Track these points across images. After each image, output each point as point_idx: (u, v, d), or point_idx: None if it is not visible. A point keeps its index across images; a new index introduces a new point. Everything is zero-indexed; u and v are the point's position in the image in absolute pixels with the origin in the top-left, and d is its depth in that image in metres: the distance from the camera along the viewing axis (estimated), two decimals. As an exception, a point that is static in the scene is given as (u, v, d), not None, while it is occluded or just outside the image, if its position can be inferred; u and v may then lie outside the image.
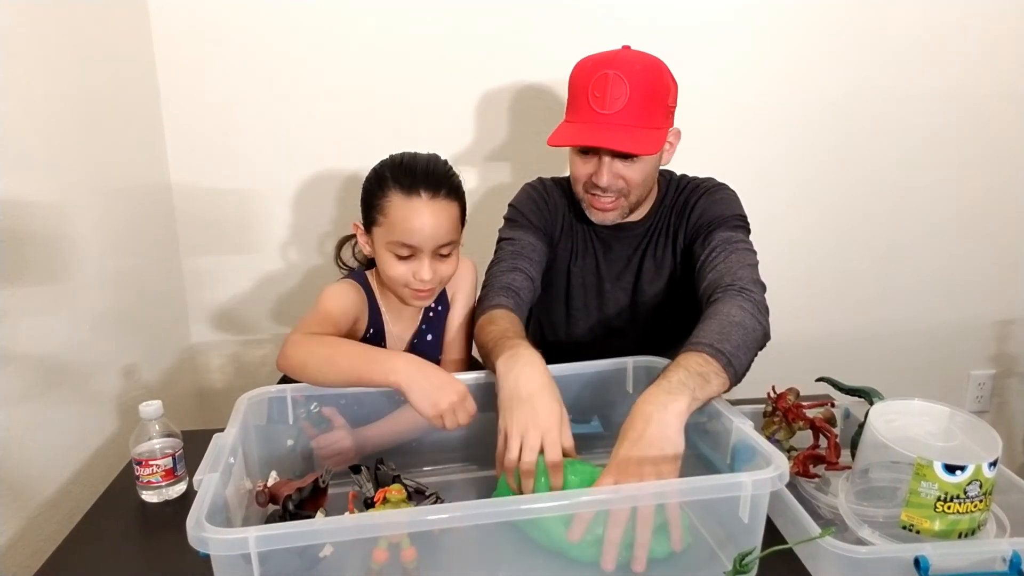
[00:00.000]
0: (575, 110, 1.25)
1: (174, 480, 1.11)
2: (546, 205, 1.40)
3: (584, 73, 1.24)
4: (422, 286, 1.17)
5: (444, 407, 0.98)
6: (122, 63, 1.60)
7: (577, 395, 1.20)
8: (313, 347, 1.07)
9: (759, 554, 0.86)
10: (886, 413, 0.97)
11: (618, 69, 1.19)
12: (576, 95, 1.25)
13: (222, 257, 1.87)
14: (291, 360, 1.07)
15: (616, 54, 1.24)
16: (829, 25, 1.88)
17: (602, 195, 1.28)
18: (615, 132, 1.20)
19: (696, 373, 0.97)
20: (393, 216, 1.14)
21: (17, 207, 1.18)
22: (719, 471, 0.99)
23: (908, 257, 2.10)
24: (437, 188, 1.14)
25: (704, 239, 1.27)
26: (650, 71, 1.22)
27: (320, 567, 0.83)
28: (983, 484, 0.85)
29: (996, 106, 1.99)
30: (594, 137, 1.21)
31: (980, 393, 2.26)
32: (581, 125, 1.23)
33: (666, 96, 1.24)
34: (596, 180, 1.25)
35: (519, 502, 0.85)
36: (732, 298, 1.12)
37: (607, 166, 1.24)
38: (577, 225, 1.41)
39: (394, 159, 1.20)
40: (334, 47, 1.76)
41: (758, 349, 1.10)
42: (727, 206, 1.31)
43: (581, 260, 1.41)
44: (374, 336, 1.27)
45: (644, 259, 1.38)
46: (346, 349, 1.07)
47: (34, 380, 1.21)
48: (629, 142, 1.19)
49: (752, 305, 1.11)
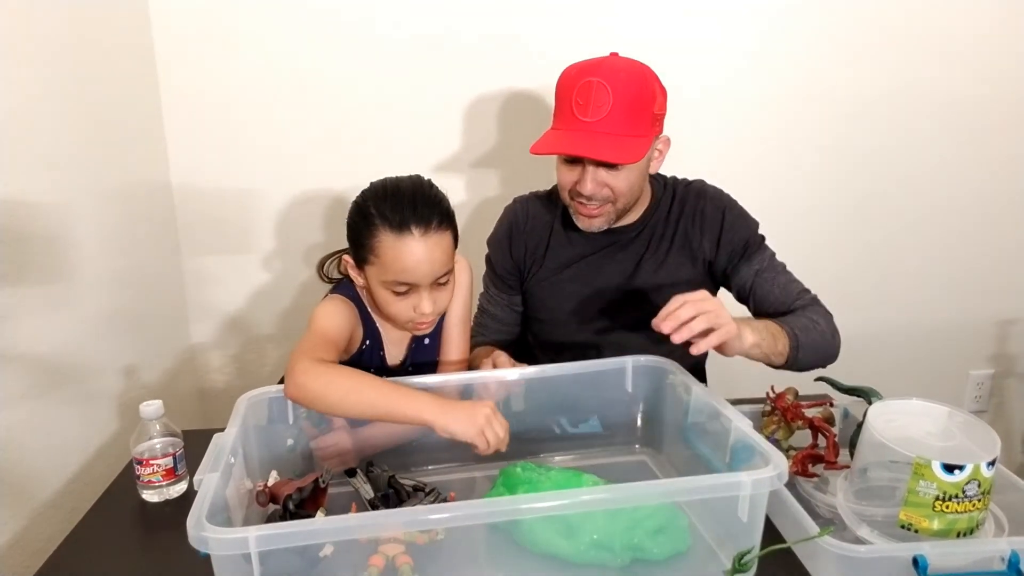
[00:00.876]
0: (560, 117, 1.24)
1: (174, 480, 1.11)
2: (519, 236, 1.42)
3: (569, 80, 1.22)
4: (425, 319, 1.14)
5: (482, 423, 0.97)
6: (123, 63, 1.60)
7: (577, 395, 1.20)
8: (332, 377, 1.02)
9: (758, 553, 0.86)
10: (885, 413, 0.97)
11: (602, 76, 1.18)
12: (561, 102, 1.24)
13: (223, 257, 1.87)
14: (306, 390, 1.02)
15: (602, 61, 1.23)
16: (830, 24, 1.88)
17: (587, 202, 1.27)
18: (597, 140, 1.18)
19: (770, 334, 1.16)
20: (385, 256, 1.09)
21: (17, 207, 1.18)
22: (718, 470, 0.99)
23: (907, 257, 2.11)
24: (428, 221, 1.08)
25: (744, 256, 1.34)
26: (635, 78, 1.20)
27: (320, 567, 0.83)
28: (981, 484, 0.86)
29: (997, 106, 1.99)
30: (575, 145, 1.20)
31: (979, 393, 2.26)
32: (564, 133, 1.22)
33: (652, 103, 1.22)
34: (580, 188, 1.25)
35: (518, 502, 0.85)
36: (819, 310, 1.31)
37: (591, 174, 1.23)
38: (569, 233, 1.40)
39: (376, 190, 1.13)
40: (333, 47, 1.77)
41: (824, 355, 1.27)
42: (753, 223, 1.37)
43: (576, 266, 1.40)
44: (371, 347, 1.24)
45: (643, 261, 1.38)
46: (370, 383, 1.02)
47: (35, 380, 1.21)
48: (611, 151, 1.18)
49: (827, 320, 1.30)
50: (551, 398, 1.18)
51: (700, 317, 1.02)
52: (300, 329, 1.90)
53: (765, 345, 1.15)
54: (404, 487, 1.02)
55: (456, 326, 1.30)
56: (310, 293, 1.87)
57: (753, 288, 1.33)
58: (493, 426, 0.98)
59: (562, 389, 1.18)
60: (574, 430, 1.23)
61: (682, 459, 1.14)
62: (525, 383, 1.18)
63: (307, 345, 1.09)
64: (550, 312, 1.44)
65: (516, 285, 1.46)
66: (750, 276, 1.33)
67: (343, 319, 1.17)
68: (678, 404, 1.14)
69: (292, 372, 1.03)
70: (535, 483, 0.99)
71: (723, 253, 1.35)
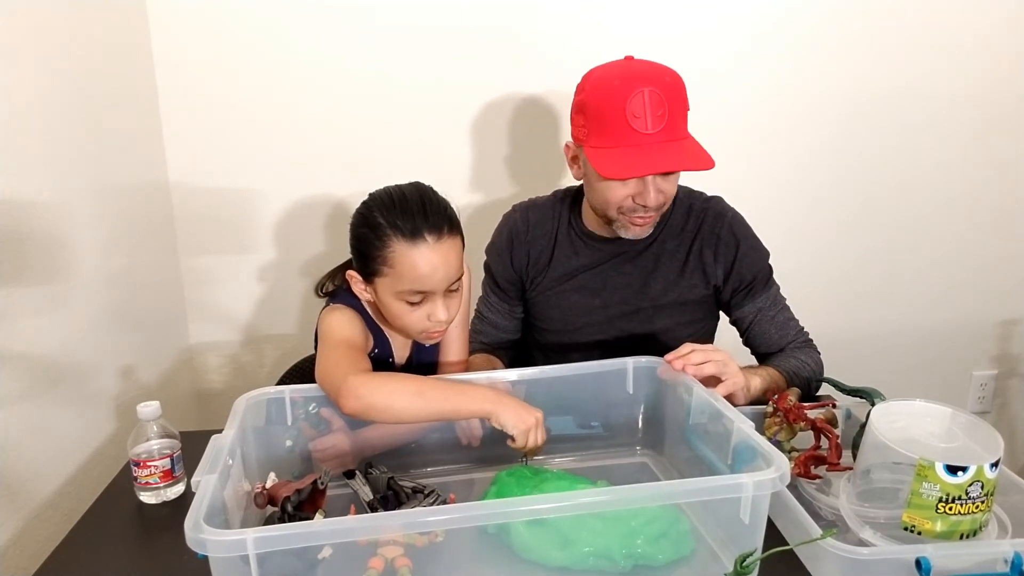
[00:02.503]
0: (610, 134, 1.18)
1: (172, 481, 1.10)
2: (521, 245, 1.41)
3: (614, 93, 1.17)
4: (440, 327, 1.13)
5: (531, 423, 1.03)
6: (121, 63, 1.59)
7: (577, 395, 1.20)
8: (392, 386, 1.03)
9: (760, 555, 0.86)
10: (888, 414, 0.96)
11: (652, 85, 1.16)
12: (611, 118, 1.17)
13: (221, 257, 1.87)
14: (368, 401, 1.01)
15: (638, 68, 1.21)
16: (831, 22, 1.87)
17: (646, 212, 1.24)
18: (675, 152, 1.17)
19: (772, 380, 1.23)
20: (400, 266, 1.07)
21: (15, 206, 1.17)
22: (720, 472, 0.99)
23: (910, 257, 2.10)
24: (440, 228, 1.08)
25: (750, 292, 1.35)
26: (676, 80, 1.21)
27: (319, 569, 0.82)
28: (985, 485, 0.85)
29: (1000, 107, 1.98)
30: (662, 162, 1.17)
31: (982, 394, 2.25)
32: (626, 150, 1.17)
33: (688, 103, 1.23)
34: (643, 201, 1.21)
35: (518, 504, 0.85)
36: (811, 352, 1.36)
37: (653, 185, 1.20)
38: (574, 241, 1.39)
39: (381, 200, 1.10)
40: (333, 46, 1.76)
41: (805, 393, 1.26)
42: (764, 256, 1.37)
43: (581, 276, 1.38)
44: (380, 353, 1.23)
45: (653, 277, 1.35)
46: (431, 384, 1.06)
47: (32, 380, 1.20)
48: (693, 159, 1.17)
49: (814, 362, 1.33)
50: (551, 399, 1.17)
51: (710, 363, 1.09)
52: (300, 330, 1.93)
53: (770, 392, 1.20)
54: (403, 489, 1.02)
55: (456, 327, 1.30)
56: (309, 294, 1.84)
57: (752, 325, 1.36)
58: (537, 432, 1.04)
59: (562, 390, 1.18)
60: (575, 431, 1.22)
61: (683, 461, 1.13)
62: (525, 384, 1.17)
63: (339, 358, 1.08)
64: (553, 322, 1.43)
65: (517, 295, 1.45)
66: (752, 313, 1.36)
67: (357, 326, 1.16)
68: (679, 405, 1.13)
69: (344, 387, 1.01)
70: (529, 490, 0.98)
71: (731, 285, 1.35)
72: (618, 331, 1.38)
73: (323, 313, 1.19)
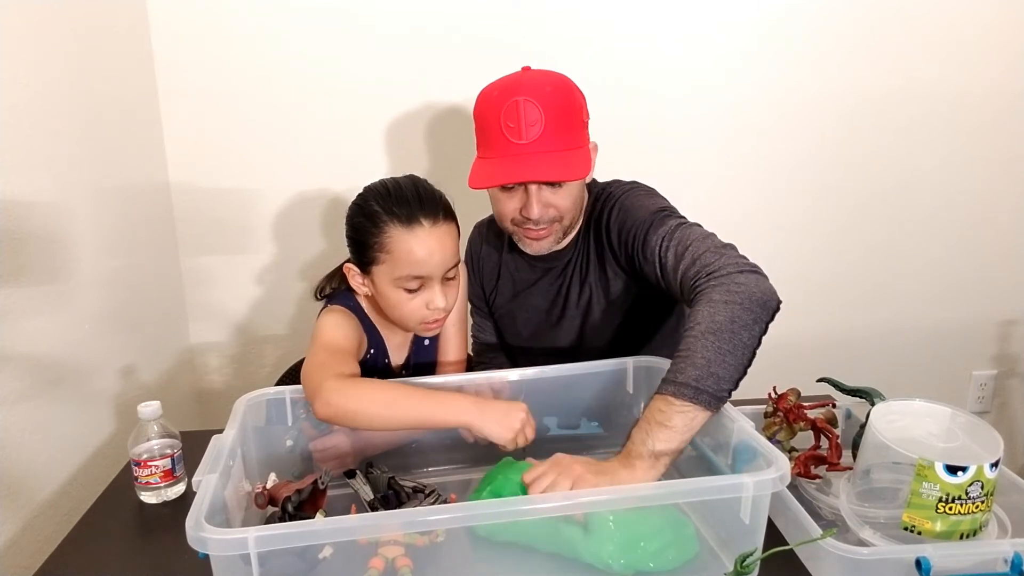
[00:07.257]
0: (489, 145, 1.18)
1: (173, 481, 1.10)
2: (477, 265, 1.42)
3: (491, 104, 1.16)
4: (438, 315, 1.13)
5: (515, 428, 1.00)
6: (121, 62, 1.59)
7: (577, 395, 1.20)
8: (366, 392, 1.01)
9: (760, 555, 0.86)
10: (887, 414, 0.97)
11: (526, 94, 1.12)
12: (487, 129, 1.17)
13: (221, 257, 1.87)
14: (340, 407, 0.99)
15: (520, 78, 1.18)
16: (830, 22, 1.87)
17: (535, 226, 1.20)
18: (539, 162, 1.13)
19: (657, 423, 0.93)
20: (398, 251, 1.08)
21: (15, 207, 1.17)
22: (720, 472, 0.99)
23: (910, 257, 2.10)
24: (435, 212, 1.09)
25: (641, 252, 1.15)
26: (560, 90, 1.16)
27: (320, 568, 0.82)
28: (984, 485, 0.85)
29: (999, 106, 1.98)
30: (518, 172, 1.13)
31: (982, 394, 2.25)
32: (499, 160, 1.15)
33: (580, 112, 1.18)
34: (526, 214, 1.18)
35: (518, 503, 0.85)
36: (704, 295, 1.00)
37: (535, 197, 1.16)
38: (516, 260, 1.36)
39: (376, 191, 1.13)
40: (333, 46, 1.76)
41: (758, 327, 0.98)
42: (641, 205, 1.19)
43: (524, 294, 1.37)
44: (375, 354, 1.23)
45: (569, 287, 1.31)
46: (406, 392, 1.02)
47: (33, 380, 1.20)
48: (558, 170, 1.13)
49: (724, 290, 0.99)
50: (551, 399, 1.18)
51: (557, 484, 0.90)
52: (300, 329, 1.93)
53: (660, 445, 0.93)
54: (404, 488, 1.02)
55: (454, 326, 1.30)
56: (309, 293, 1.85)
57: (661, 277, 1.12)
58: (526, 431, 1.02)
59: (562, 390, 1.18)
60: (575, 431, 1.22)
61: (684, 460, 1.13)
62: (525, 384, 1.17)
63: (324, 360, 1.06)
64: (509, 339, 1.44)
65: (487, 310, 1.46)
66: (650, 268, 1.14)
67: (351, 328, 1.16)
68: (679, 405, 1.13)
69: (319, 391, 0.99)
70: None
71: (625, 249, 1.20)
72: (569, 341, 1.34)
73: (319, 314, 1.20)
